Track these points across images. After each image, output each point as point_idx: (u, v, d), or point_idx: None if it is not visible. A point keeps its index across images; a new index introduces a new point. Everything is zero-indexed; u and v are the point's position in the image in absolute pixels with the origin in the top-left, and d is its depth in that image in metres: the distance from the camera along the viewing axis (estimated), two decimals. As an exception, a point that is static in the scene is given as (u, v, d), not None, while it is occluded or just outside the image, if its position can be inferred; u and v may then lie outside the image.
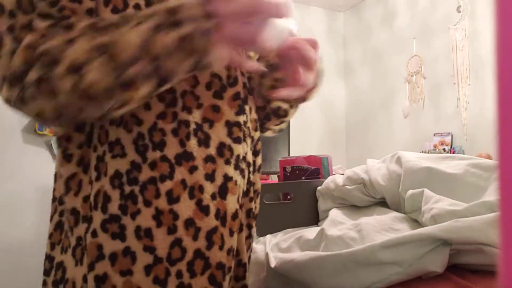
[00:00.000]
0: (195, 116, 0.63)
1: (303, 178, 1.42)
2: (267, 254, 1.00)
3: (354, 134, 4.26)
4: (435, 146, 3.23)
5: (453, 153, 3.10)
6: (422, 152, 3.20)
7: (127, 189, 0.61)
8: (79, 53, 0.52)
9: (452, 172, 0.98)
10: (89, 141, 0.64)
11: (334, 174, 1.48)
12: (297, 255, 0.93)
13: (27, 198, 3.07)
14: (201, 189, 0.62)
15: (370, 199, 1.12)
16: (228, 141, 0.65)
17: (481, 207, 0.81)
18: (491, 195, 0.88)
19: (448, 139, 3.18)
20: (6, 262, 2.97)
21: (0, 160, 3.01)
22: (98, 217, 0.61)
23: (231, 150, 0.66)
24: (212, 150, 0.64)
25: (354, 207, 1.15)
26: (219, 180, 0.64)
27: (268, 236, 1.13)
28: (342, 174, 1.22)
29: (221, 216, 0.64)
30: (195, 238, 0.61)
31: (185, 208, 0.61)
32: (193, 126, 0.63)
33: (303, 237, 1.01)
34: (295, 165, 1.44)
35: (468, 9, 3.11)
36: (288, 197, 1.28)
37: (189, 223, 0.61)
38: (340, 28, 4.51)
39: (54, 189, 0.69)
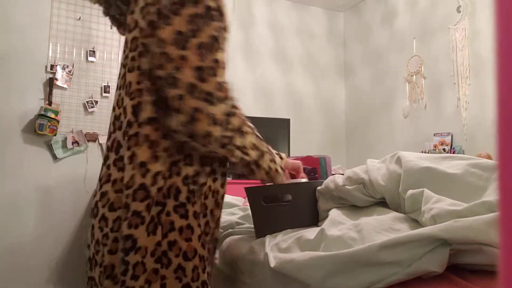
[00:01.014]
0: None
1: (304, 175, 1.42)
2: (266, 254, 1.00)
3: (354, 134, 4.26)
4: (435, 146, 3.22)
5: (453, 153, 3.10)
6: (422, 152, 3.20)
7: (191, 187, 0.96)
8: (249, 141, 1.00)
9: (452, 172, 0.98)
10: (170, 149, 0.95)
11: (333, 174, 1.48)
12: (297, 255, 0.92)
13: (27, 198, 3.07)
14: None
15: (370, 199, 1.11)
16: None
17: (481, 207, 0.81)
18: (491, 195, 0.88)
19: (448, 139, 3.17)
20: (6, 262, 2.97)
21: (0, 160, 3.01)
22: (171, 203, 0.93)
23: None
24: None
25: (354, 207, 1.15)
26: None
27: (268, 236, 1.13)
28: (342, 174, 1.22)
29: None
30: (216, 227, 1.06)
31: (220, 210, 1.07)
32: None
33: (303, 237, 1.01)
34: None
35: (468, 9, 3.11)
36: (287, 198, 1.28)
37: (218, 219, 1.06)
38: (340, 28, 4.51)
39: (123, 177, 0.95)
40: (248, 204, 1.29)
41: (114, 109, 1.04)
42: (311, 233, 1.01)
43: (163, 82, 0.89)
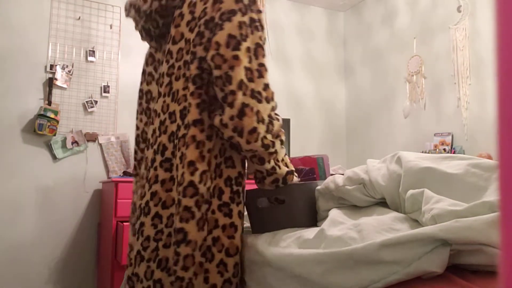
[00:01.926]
0: None
1: (298, 179, 1.41)
2: (265, 249, 1.00)
3: (355, 134, 4.26)
4: (435, 146, 3.22)
5: (454, 153, 3.10)
6: (422, 152, 3.19)
7: (235, 188, 1.07)
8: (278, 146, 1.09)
9: (452, 172, 0.98)
10: (213, 151, 1.05)
11: (332, 174, 1.48)
12: (297, 250, 0.93)
13: (26, 198, 3.07)
14: None
15: (370, 199, 1.11)
16: None
17: (482, 207, 0.81)
18: (492, 195, 0.88)
19: (448, 139, 3.17)
20: (6, 262, 2.97)
21: (0, 160, 3.01)
22: (215, 202, 1.04)
23: None
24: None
25: (354, 207, 1.15)
26: None
27: (266, 234, 1.13)
28: (342, 174, 1.22)
29: None
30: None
31: None
32: None
33: (302, 237, 1.01)
34: None
35: (469, 8, 3.11)
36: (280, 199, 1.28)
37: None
38: (340, 28, 4.51)
39: (178, 175, 1.05)
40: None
41: (158, 115, 1.14)
42: (310, 233, 1.01)
43: (219, 81, 0.99)
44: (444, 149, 3.15)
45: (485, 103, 2.96)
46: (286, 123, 3.89)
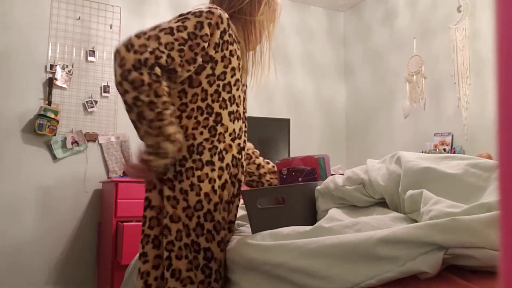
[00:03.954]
0: None
1: (300, 179, 1.41)
2: (260, 239, 1.00)
3: (354, 134, 4.26)
4: (435, 146, 3.22)
5: (454, 153, 3.09)
6: (422, 152, 3.20)
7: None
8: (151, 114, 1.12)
9: (451, 172, 0.98)
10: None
11: (332, 174, 1.47)
12: (300, 241, 0.93)
13: (26, 198, 3.07)
14: None
15: (369, 199, 1.11)
16: None
17: (480, 209, 0.81)
18: (490, 195, 0.88)
19: (448, 139, 3.17)
20: (6, 262, 2.97)
21: (0, 160, 3.01)
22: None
23: None
24: None
25: (353, 207, 1.15)
26: None
27: (260, 233, 1.13)
28: (342, 174, 1.22)
29: None
30: None
31: None
32: None
33: (299, 229, 1.02)
34: (291, 167, 1.43)
35: (469, 8, 3.11)
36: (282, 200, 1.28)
37: None
38: (340, 28, 4.51)
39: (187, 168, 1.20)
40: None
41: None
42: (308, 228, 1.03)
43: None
44: (444, 149, 3.15)
45: (485, 103, 2.96)
46: (286, 123, 3.89)
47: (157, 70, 1.09)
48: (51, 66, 3.19)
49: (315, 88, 4.29)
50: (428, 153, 3.17)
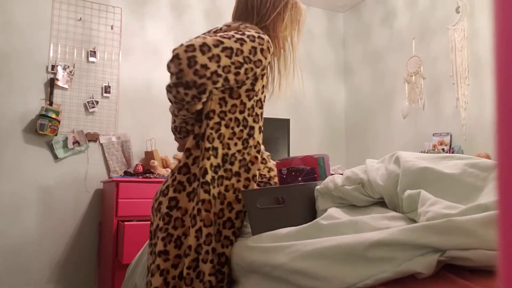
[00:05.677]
0: None
1: (299, 179, 1.41)
2: (266, 247, 1.01)
3: (354, 134, 4.26)
4: (434, 146, 3.23)
5: (452, 153, 3.10)
6: (421, 152, 3.20)
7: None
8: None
9: (450, 172, 0.98)
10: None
11: (332, 173, 1.48)
12: (301, 242, 0.93)
13: (28, 198, 3.07)
14: None
15: (368, 199, 1.12)
16: None
17: (476, 210, 0.81)
18: (488, 195, 0.89)
19: (447, 139, 3.18)
20: (7, 262, 2.97)
21: (0, 160, 3.01)
22: (196, 183, 1.25)
23: None
24: None
25: (353, 207, 1.15)
26: None
27: (259, 235, 1.14)
28: (342, 174, 1.23)
29: None
30: None
31: None
32: None
33: (296, 227, 1.03)
34: (291, 167, 1.44)
35: (467, 9, 3.11)
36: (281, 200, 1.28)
37: None
38: (340, 28, 4.51)
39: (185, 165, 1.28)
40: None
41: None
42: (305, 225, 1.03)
43: None
44: (443, 149, 3.16)
45: (483, 103, 2.96)
46: (286, 123, 3.89)
47: (204, 96, 1.17)
48: (53, 67, 3.19)
49: (315, 88, 4.29)
50: (427, 153, 3.17)
